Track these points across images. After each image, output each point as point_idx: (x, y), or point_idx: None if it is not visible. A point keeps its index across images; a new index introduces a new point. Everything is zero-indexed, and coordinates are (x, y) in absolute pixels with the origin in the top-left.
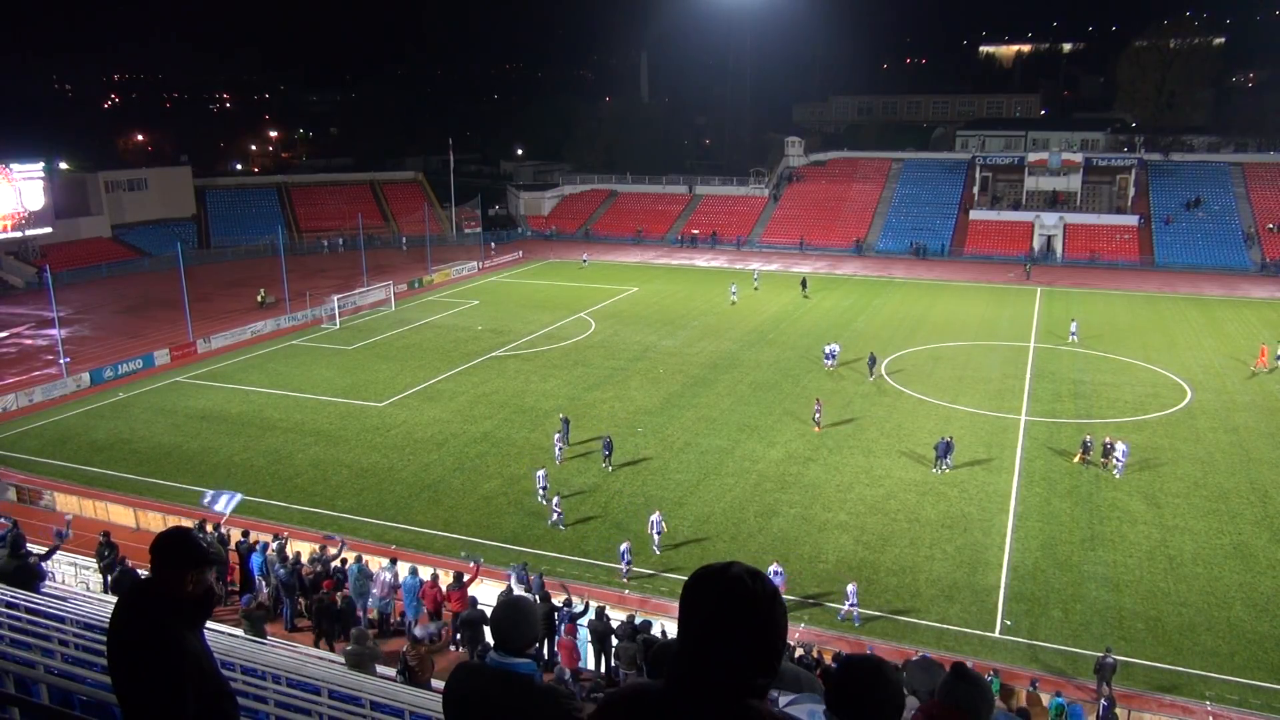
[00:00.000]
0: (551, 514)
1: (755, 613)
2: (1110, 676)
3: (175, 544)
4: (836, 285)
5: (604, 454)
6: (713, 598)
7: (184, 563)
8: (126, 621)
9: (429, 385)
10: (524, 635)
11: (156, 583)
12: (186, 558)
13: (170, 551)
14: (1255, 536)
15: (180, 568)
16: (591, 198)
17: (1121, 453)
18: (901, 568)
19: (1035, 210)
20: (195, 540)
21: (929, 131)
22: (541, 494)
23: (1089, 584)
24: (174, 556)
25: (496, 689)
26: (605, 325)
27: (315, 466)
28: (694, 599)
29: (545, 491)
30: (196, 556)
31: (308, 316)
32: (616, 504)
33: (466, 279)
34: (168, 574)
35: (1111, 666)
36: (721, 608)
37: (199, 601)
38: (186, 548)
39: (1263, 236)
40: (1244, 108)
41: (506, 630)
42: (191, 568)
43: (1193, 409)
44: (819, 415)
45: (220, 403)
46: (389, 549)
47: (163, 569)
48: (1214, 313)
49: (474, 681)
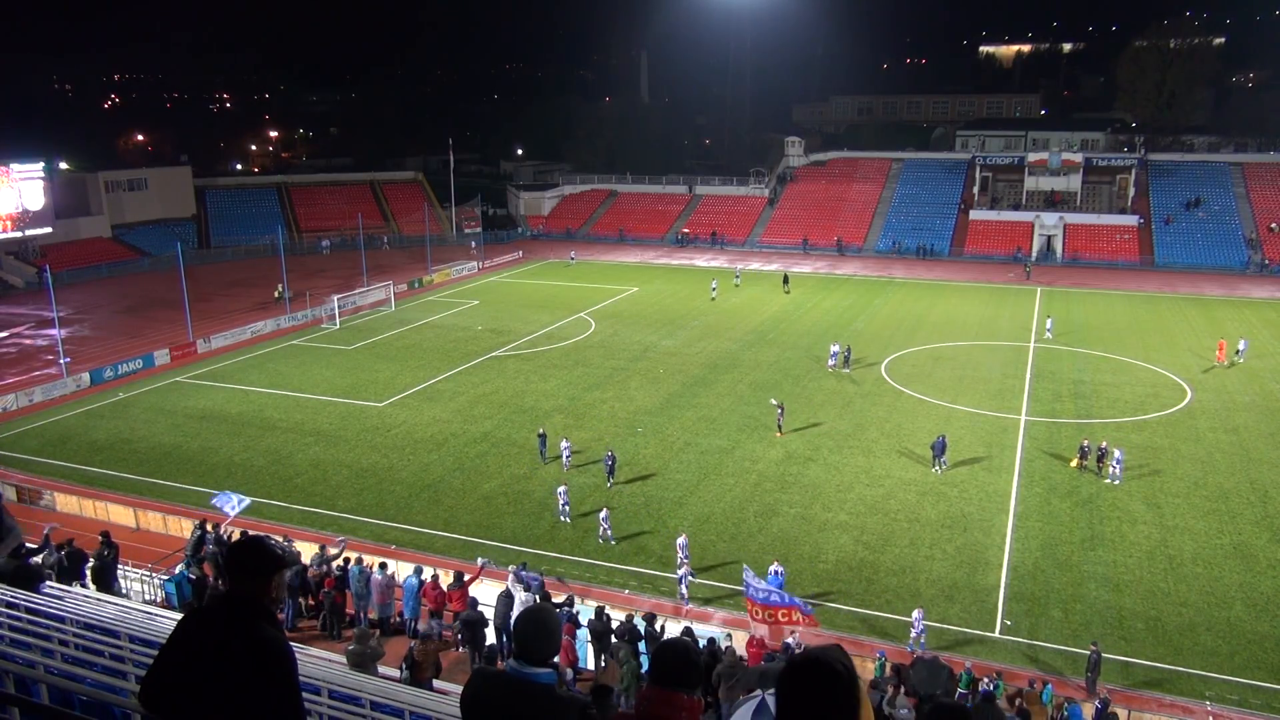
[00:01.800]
0: (600, 527)
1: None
2: (1096, 674)
3: (258, 552)
4: (837, 285)
5: (607, 469)
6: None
7: (270, 569)
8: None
9: (429, 385)
10: (547, 647)
11: (247, 592)
12: (271, 563)
13: (256, 559)
14: (1255, 536)
15: (268, 574)
16: (591, 198)
17: (1117, 459)
18: (901, 568)
19: (1035, 210)
20: (272, 546)
21: (929, 131)
22: (563, 511)
23: (1089, 584)
24: (260, 564)
25: (517, 697)
26: (605, 325)
27: (315, 466)
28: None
29: (567, 508)
30: (279, 561)
31: (308, 316)
32: (616, 502)
33: (466, 279)
34: (257, 582)
35: (1096, 660)
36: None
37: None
38: (269, 554)
39: (1263, 238)
40: (1244, 108)
41: (530, 641)
42: (276, 573)
43: (1193, 409)
44: (781, 419)
45: (220, 403)
46: (389, 549)
47: (252, 578)
48: (1214, 313)
49: (494, 689)
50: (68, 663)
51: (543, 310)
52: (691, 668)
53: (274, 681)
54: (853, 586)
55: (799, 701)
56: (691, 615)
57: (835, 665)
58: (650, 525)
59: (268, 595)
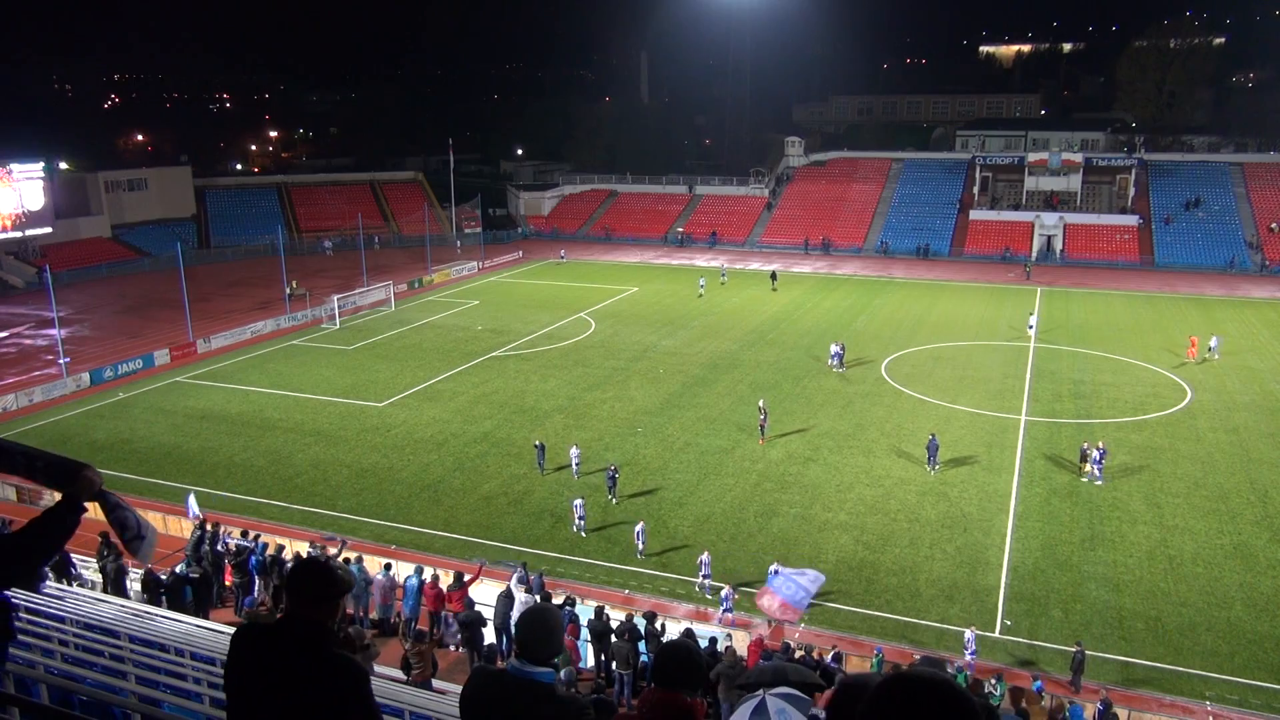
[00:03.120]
0: (638, 542)
1: None
2: (1080, 673)
3: (321, 577)
4: (837, 285)
5: (609, 484)
6: None
7: (334, 594)
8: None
9: (429, 385)
10: (548, 647)
11: (310, 616)
12: (335, 588)
13: (319, 585)
14: (1255, 536)
15: (332, 600)
16: (592, 198)
17: (1096, 460)
18: (901, 568)
19: (1035, 210)
20: (334, 569)
21: (929, 131)
22: (580, 525)
23: (1089, 584)
24: (324, 589)
25: (517, 697)
26: (605, 325)
27: (315, 466)
28: None
29: (584, 522)
30: (342, 586)
31: (308, 316)
32: (619, 507)
33: (466, 279)
34: (321, 608)
35: (1081, 660)
36: None
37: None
38: (332, 579)
39: (1264, 238)
40: (1244, 108)
41: (532, 641)
42: (339, 598)
43: (1192, 409)
44: (765, 424)
45: (220, 403)
46: (389, 549)
47: (315, 603)
48: (1214, 313)
49: (494, 688)
50: (68, 663)
51: (543, 310)
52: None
53: (353, 704)
54: (853, 586)
55: None
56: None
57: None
58: (650, 526)
59: (331, 619)
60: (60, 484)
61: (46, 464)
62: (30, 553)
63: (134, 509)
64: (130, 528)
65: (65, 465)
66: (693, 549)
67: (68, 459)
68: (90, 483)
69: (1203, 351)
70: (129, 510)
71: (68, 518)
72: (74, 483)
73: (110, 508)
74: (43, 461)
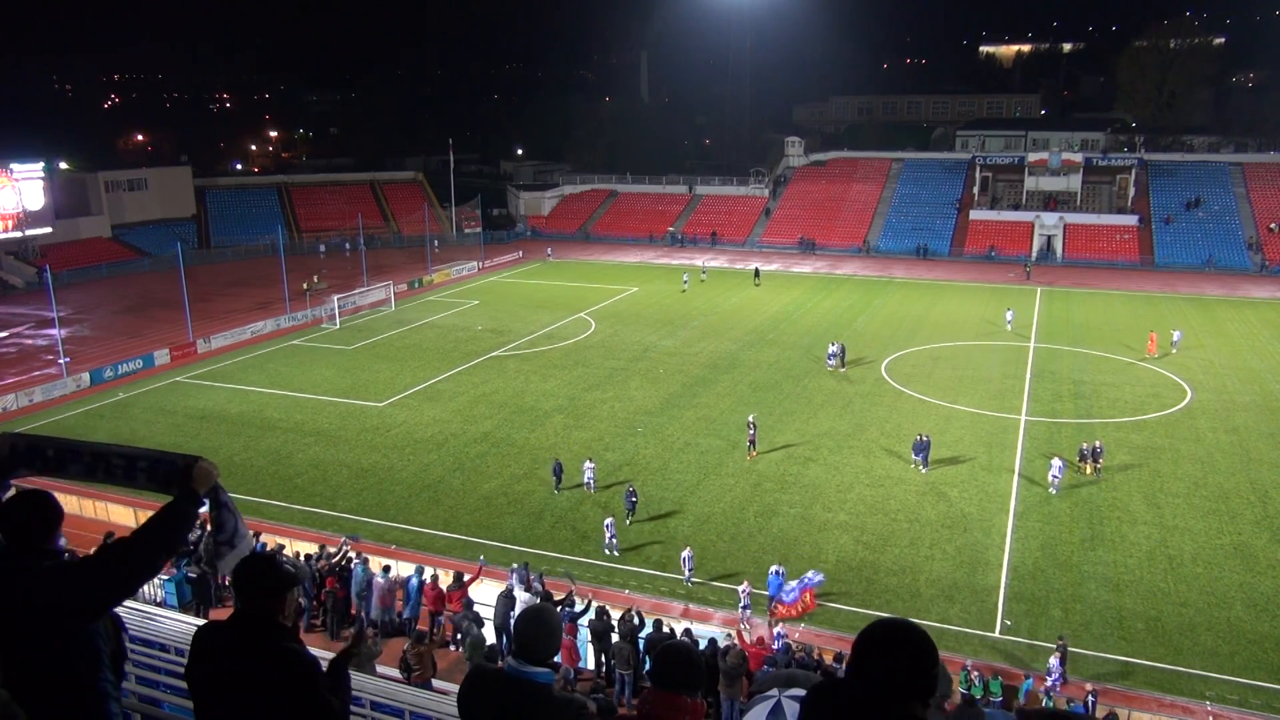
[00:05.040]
0: (684, 569)
1: None
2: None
3: (266, 570)
4: (837, 285)
5: (627, 507)
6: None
7: (281, 587)
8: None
9: (429, 385)
10: (547, 647)
11: (260, 611)
12: (282, 581)
13: (265, 578)
14: (1255, 537)
15: (280, 593)
16: (592, 198)
17: (1054, 474)
18: (901, 568)
19: (1035, 210)
20: (278, 562)
21: (929, 131)
22: (612, 544)
23: (1089, 584)
24: (271, 583)
25: (514, 696)
26: (605, 325)
27: (315, 466)
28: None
29: (615, 540)
30: (289, 578)
31: (308, 316)
32: (616, 502)
33: (467, 279)
34: (269, 602)
35: (1063, 654)
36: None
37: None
38: (280, 572)
39: (1263, 238)
40: (1244, 108)
41: (530, 641)
42: (287, 591)
43: (1193, 409)
44: (754, 437)
45: (220, 403)
46: (389, 549)
47: (263, 597)
48: (1214, 313)
49: (491, 687)
50: None
51: (543, 310)
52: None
53: (302, 696)
54: (853, 586)
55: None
56: (693, 615)
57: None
58: (650, 527)
59: (280, 612)
60: (169, 483)
61: (151, 463)
62: (150, 557)
63: (241, 517)
64: (226, 531)
65: (173, 461)
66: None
67: (174, 454)
68: (207, 474)
69: (1165, 347)
70: (235, 515)
71: (188, 512)
72: (188, 477)
73: (218, 504)
74: (146, 461)
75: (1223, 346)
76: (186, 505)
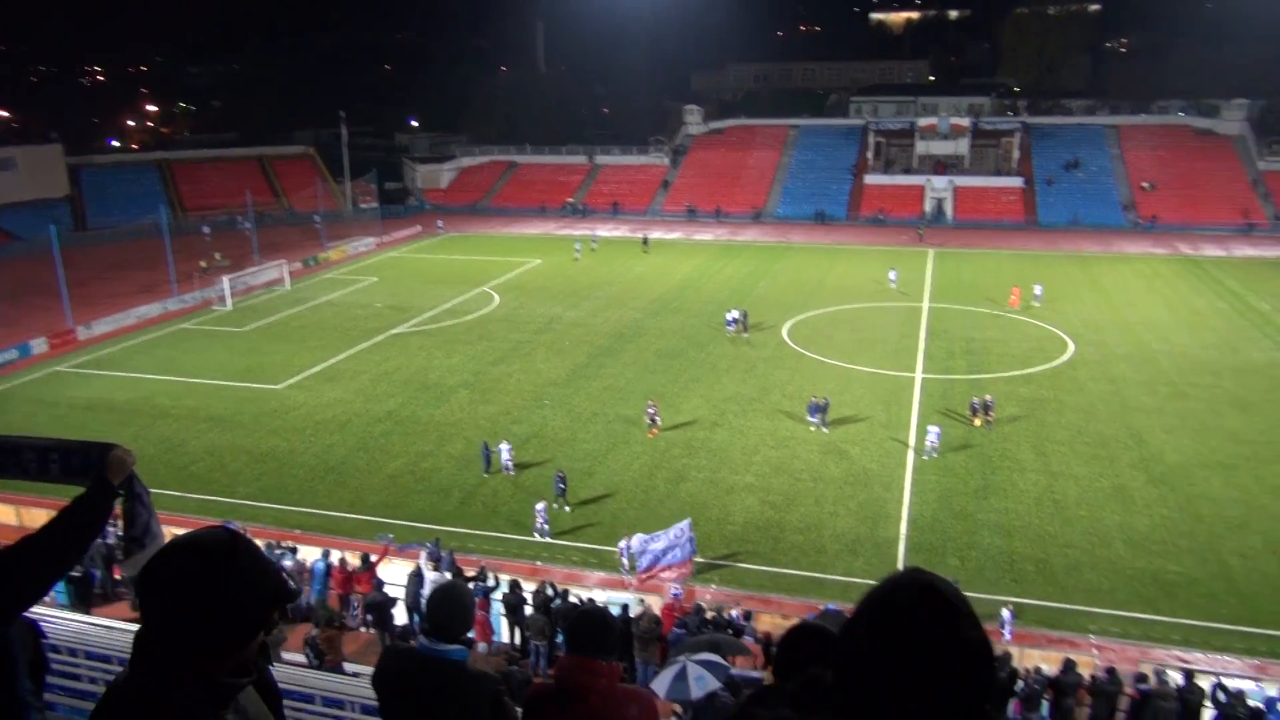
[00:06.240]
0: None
1: None
2: None
3: None
4: (738, 252)
5: (557, 491)
6: None
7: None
8: None
9: (329, 365)
10: (459, 624)
11: None
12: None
13: None
14: (1133, 479)
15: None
16: (491, 170)
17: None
18: (807, 525)
19: (926, 174)
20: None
21: (824, 98)
22: (543, 530)
23: (983, 531)
24: None
25: (428, 674)
26: (509, 298)
27: (211, 453)
28: None
29: (547, 526)
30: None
31: (197, 299)
32: (528, 478)
33: (364, 255)
34: None
35: None
36: None
37: None
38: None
39: (1136, 197)
40: (1118, 72)
41: (442, 619)
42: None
43: (1074, 361)
44: (656, 416)
45: (106, 391)
46: (293, 534)
47: None
48: (1092, 269)
49: (405, 666)
50: None
51: (444, 285)
52: (607, 633)
53: None
54: (760, 546)
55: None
56: (606, 584)
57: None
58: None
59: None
60: (84, 475)
61: (63, 454)
62: (60, 554)
63: (155, 514)
64: (137, 527)
65: (87, 450)
66: (604, 515)
67: (89, 442)
68: (122, 462)
69: (1027, 300)
70: (149, 510)
71: (100, 503)
72: (103, 466)
73: (133, 496)
74: (58, 452)
75: (1101, 301)
76: (99, 496)
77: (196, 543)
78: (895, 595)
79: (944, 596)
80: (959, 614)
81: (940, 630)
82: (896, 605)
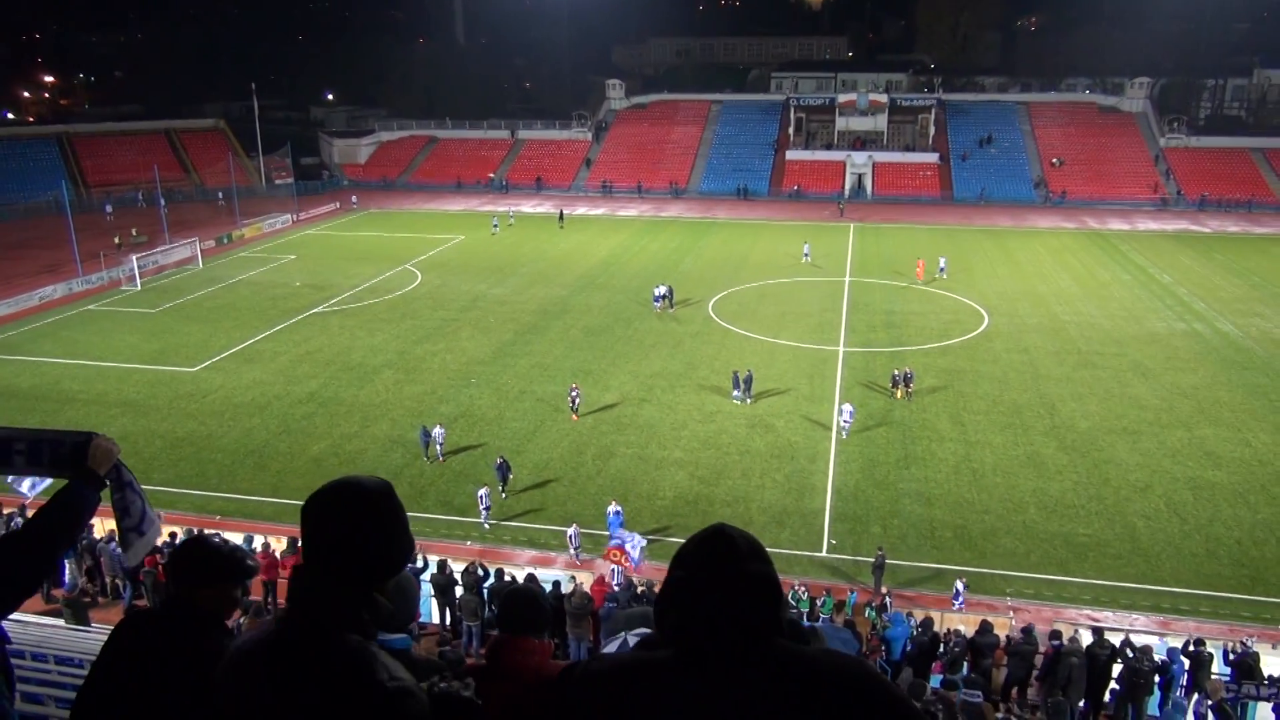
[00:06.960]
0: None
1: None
2: (881, 574)
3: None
4: (663, 228)
5: (499, 478)
6: None
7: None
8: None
9: (247, 346)
10: (405, 613)
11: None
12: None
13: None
14: (1045, 446)
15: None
16: (410, 144)
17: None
18: (735, 498)
19: (846, 149)
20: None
21: (745, 73)
22: (485, 513)
23: (904, 500)
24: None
25: None
26: (432, 275)
27: (124, 439)
28: None
29: (489, 512)
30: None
31: (103, 279)
32: (459, 459)
33: (281, 232)
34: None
35: (881, 564)
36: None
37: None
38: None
39: (1046, 173)
40: (1028, 50)
41: None
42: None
43: (989, 333)
44: (577, 401)
45: (8, 377)
46: (213, 520)
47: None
48: (1005, 242)
49: None
50: None
51: (365, 263)
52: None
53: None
54: (690, 520)
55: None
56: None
57: (731, 533)
58: (490, 477)
59: (221, 606)
60: (65, 466)
61: (30, 445)
62: (49, 548)
63: (146, 499)
64: (132, 516)
65: (67, 440)
66: (534, 492)
67: (68, 431)
68: (107, 451)
69: (932, 272)
70: (140, 496)
71: (87, 496)
72: (83, 456)
73: (122, 485)
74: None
75: (1014, 274)
76: (85, 489)
77: (363, 484)
78: (692, 539)
79: (727, 536)
80: (740, 551)
81: (725, 562)
82: (692, 546)
